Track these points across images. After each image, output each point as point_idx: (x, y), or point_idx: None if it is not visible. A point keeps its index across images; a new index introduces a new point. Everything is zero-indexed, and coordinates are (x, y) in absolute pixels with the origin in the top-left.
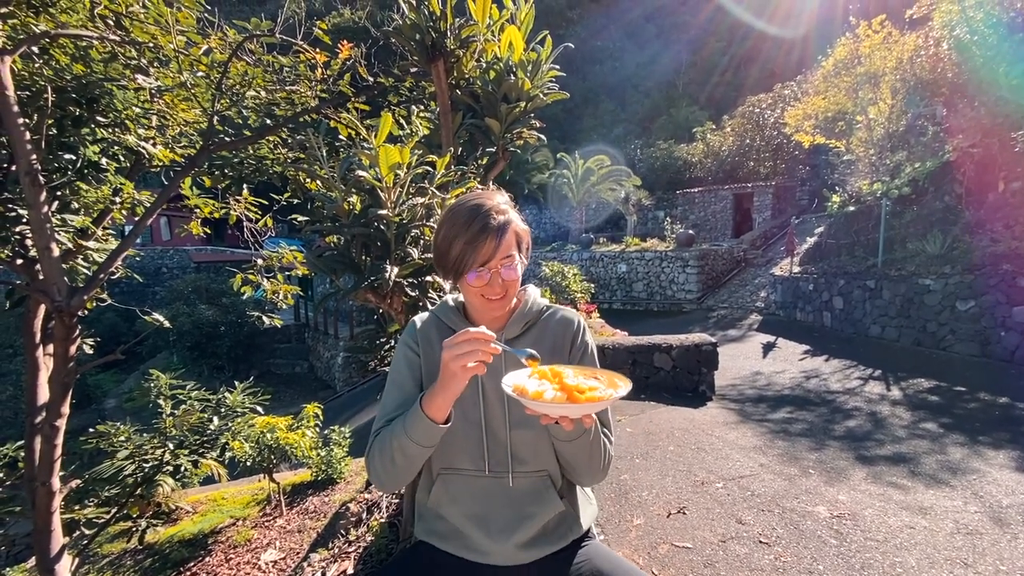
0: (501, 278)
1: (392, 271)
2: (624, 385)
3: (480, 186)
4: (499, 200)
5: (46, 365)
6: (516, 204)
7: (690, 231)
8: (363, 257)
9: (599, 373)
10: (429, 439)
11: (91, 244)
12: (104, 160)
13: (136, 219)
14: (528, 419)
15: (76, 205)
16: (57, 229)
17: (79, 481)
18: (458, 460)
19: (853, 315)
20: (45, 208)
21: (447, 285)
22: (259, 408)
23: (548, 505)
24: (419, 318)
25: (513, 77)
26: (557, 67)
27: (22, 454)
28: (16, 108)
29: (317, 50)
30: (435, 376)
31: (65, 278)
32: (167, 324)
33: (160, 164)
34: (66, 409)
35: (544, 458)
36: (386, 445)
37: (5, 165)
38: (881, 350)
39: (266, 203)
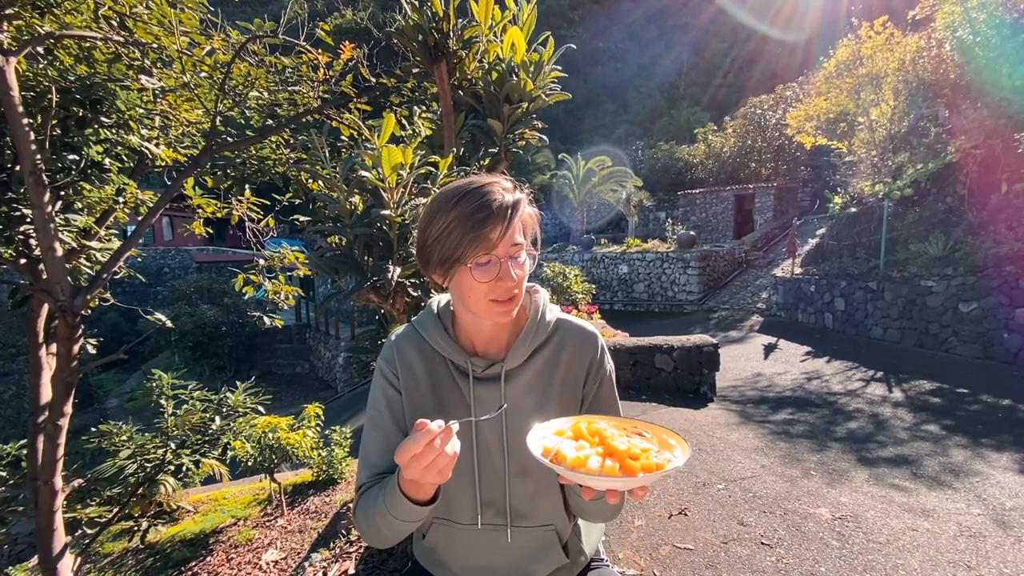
0: (513, 272)
1: (395, 271)
2: (680, 448)
3: None
4: (499, 178)
5: (49, 365)
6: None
7: (691, 232)
8: (365, 257)
9: (640, 426)
10: (415, 517)
11: (94, 244)
12: (107, 160)
13: (139, 219)
14: (531, 468)
15: (79, 205)
16: (60, 229)
17: (81, 480)
18: (450, 511)
19: (855, 317)
20: (49, 208)
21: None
22: (260, 408)
23: (551, 561)
24: (397, 335)
25: (515, 78)
26: (559, 68)
27: (25, 453)
28: (21, 108)
29: (319, 51)
30: (420, 413)
31: (68, 278)
32: (169, 324)
33: (163, 164)
34: (69, 408)
35: (549, 511)
36: (371, 515)
37: (9, 165)
38: (883, 352)
39: (268, 203)
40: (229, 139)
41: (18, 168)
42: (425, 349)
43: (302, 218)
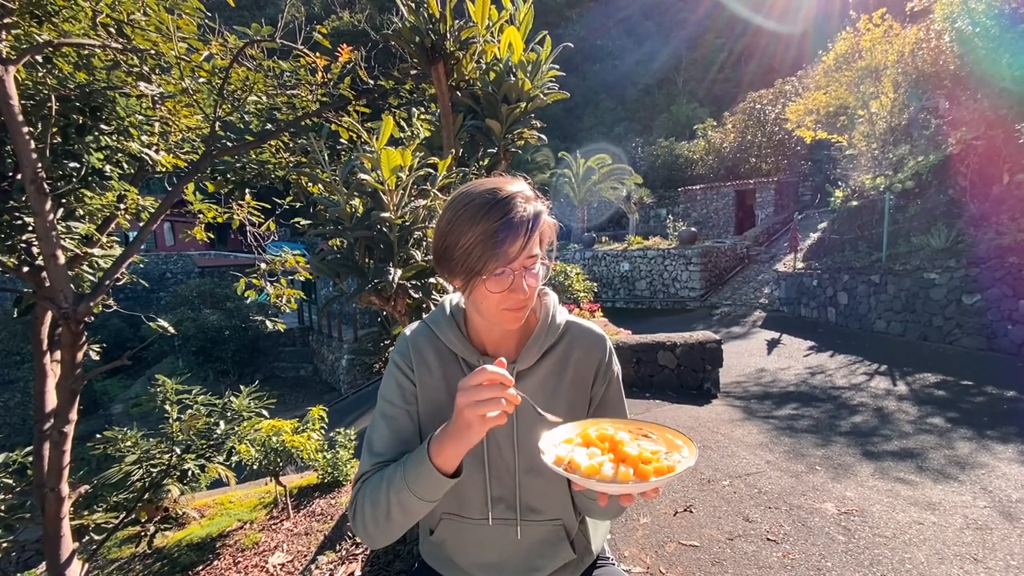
0: (525, 283)
1: (395, 273)
2: (687, 448)
3: None
4: (522, 186)
5: (54, 372)
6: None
7: (692, 228)
8: (366, 260)
9: (645, 427)
10: (435, 493)
11: (96, 251)
12: (108, 167)
13: (140, 225)
14: (540, 464)
15: (81, 212)
16: (62, 236)
17: (88, 487)
18: (461, 506)
19: (858, 310)
20: (50, 216)
21: (451, 287)
22: (265, 412)
23: (559, 557)
24: (411, 331)
25: (513, 78)
26: (557, 67)
27: (31, 460)
28: (21, 117)
29: (317, 54)
30: (433, 406)
31: (71, 285)
32: (172, 330)
33: (163, 170)
34: (74, 415)
35: (558, 506)
36: (380, 497)
37: (10, 174)
38: (886, 345)
39: (268, 207)
40: (228, 144)
41: (19, 176)
42: (439, 346)
43: (303, 221)
